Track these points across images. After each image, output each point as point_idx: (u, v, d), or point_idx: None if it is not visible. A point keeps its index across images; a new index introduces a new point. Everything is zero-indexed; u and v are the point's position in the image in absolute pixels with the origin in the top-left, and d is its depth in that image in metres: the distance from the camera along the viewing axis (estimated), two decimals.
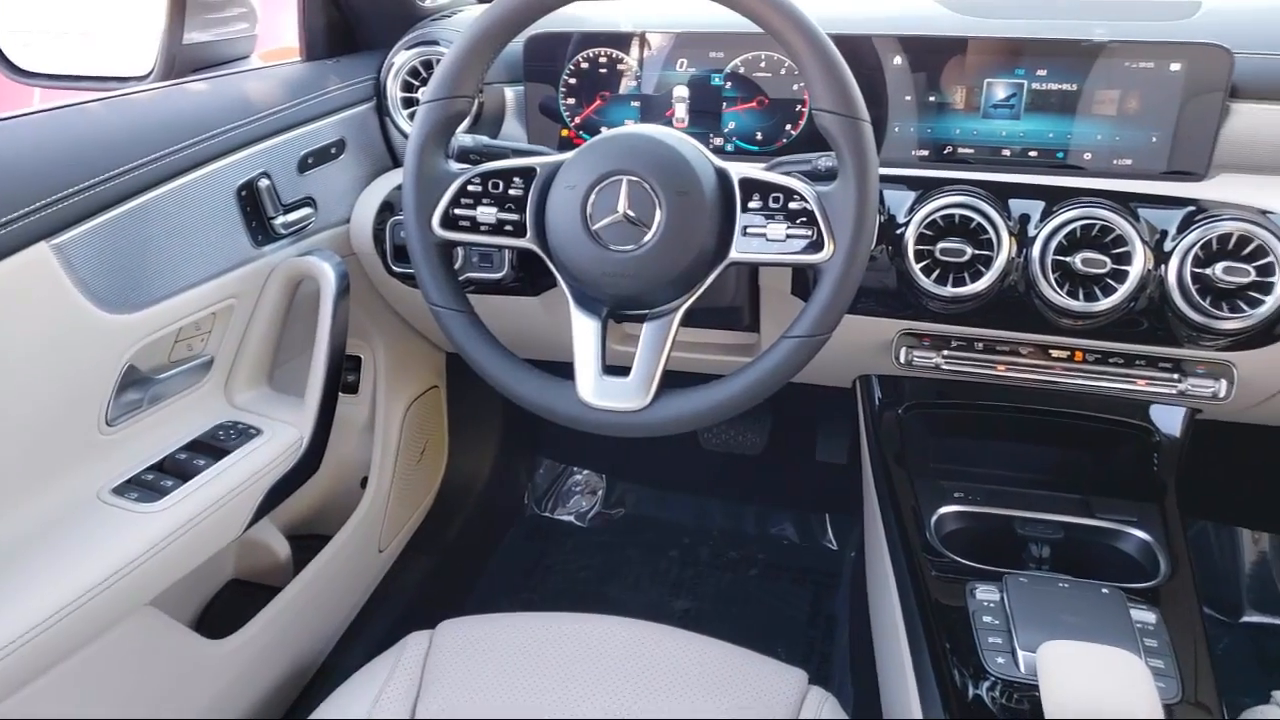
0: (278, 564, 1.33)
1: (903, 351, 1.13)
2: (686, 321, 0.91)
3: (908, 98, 1.06)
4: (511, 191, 0.93)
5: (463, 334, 0.95)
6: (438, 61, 1.21)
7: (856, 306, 0.99)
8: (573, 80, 1.16)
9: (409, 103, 1.28)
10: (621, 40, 1.14)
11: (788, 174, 0.90)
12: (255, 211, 1.12)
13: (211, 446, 1.09)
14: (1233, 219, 0.96)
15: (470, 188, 0.93)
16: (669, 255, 0.87)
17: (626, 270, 0.88)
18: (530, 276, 1.18)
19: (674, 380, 0.91)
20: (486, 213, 0.93)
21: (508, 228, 0.94)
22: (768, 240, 0.88)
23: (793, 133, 1.11)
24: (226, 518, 1.07)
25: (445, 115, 0.93)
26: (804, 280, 1.11)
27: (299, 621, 1.34)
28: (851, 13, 1.16)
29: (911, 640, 1.01)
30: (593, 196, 0.88)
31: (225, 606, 1.30)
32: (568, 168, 0.91)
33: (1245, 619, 1.67)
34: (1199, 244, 0.96)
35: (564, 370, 0.93)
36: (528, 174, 0.93)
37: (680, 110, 1.14)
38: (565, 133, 1.19)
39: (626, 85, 1.15)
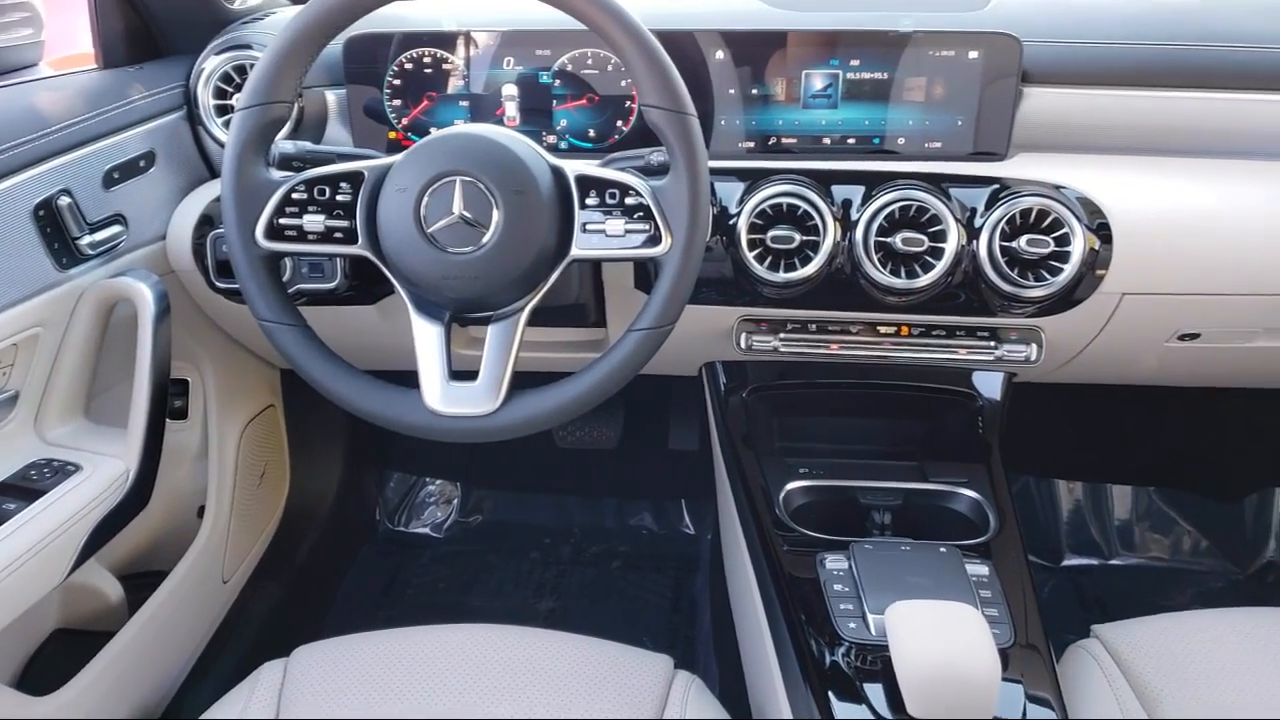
0: (109, 607, 1.25)
1: (743, 337, 1.16)
2: (533, 321, 0.91)
3: (732, 91, 1.09)
4: (339, 197, 0.90)
5: (296, 349, 0.91)
6: (251, 66, 1.16)
7: (697, 296, 1.01)
8: (397, 81, 1.14)
9: (223, 110, 1.22)
10: (445, 40, 1.12)
11: (622, 170, 0.92)
12: (57, 232, 1.04)
13: (23, 488, 1.01)
14: (1032, 194, 1.04)
15: (295, 196, 0.90)
16: (509, 255, 0.87)
17: (467, 272, 0.87)
18: (365, 284, 1.15)
19: (524, 381, 0.90)
20: (314, 221, 0.90)
21: (337, 235, 0.91)
22: (607, 236, 0.89)
23: (624, 129, 1.13)
24: (46, 563, 0.99)
25: (263, 121, 0.89)
26: (646, 274, 1.13)
27: (137, 667, 1.26)
28: (673, 8, 1.18)
29: (769, 614, 1.04)
30: (426, 199, 0.87)
31: (50, 659, 1.20)
32: (397, 170, 0.89)
33: (1066, 563, 1.81)
34: (1004, 219, 1.03)
35: (408, 379, 0.91)
36: (355, 178, 0.90)
37: (511, 109, 1.13)
38: (393, 135, 1.16)
39: (454, 85, 1.14)
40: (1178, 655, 0.99)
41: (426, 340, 0.90)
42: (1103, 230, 1.05)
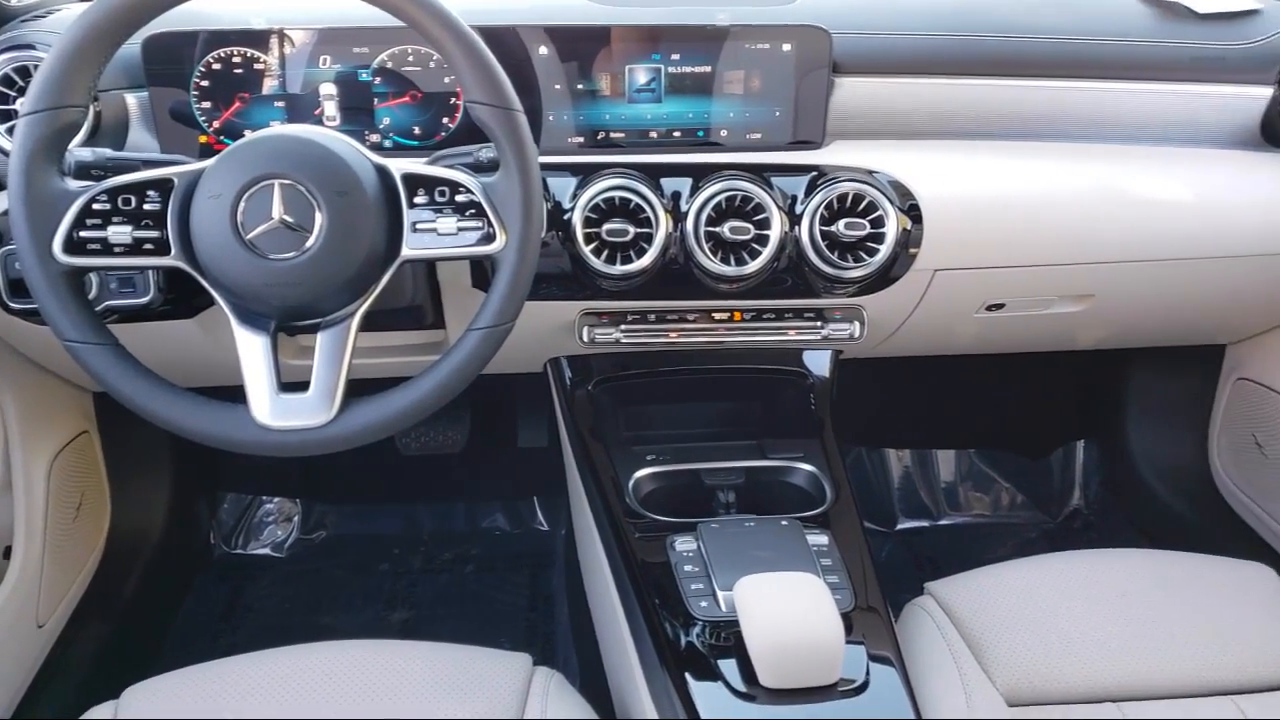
0: None
1: (585, 330, 1.17)
2: (366, 326, 0.88)
3: (558, 86, 1.10)
4: (147, 206, 0.85)
5: (109, 370, 0.86)
6: (35, 68, 1.07)
7: (537, 292, 1.01)
8: (205, 83, 1.08)
9: (5, 116, 1.12)
10: (256, 38, 1.07)
11: (451, 167, 0.90)
12: None
13: None
14: (848, 180, 1.09)
15: (96, 206, 0.84)
16: (336, 259, 0.84)
17: (291, 279, 0.84)
18: (182, 297, 1.08)
19: (361, 388, 0.88)
20: (120, 232, 0.84)
21: (147, 246, 0.85)
22: (439, 235, 0.88)
23: (450, 125, 1.11)
24: None
25: (54, 128, 0.82)
26: (483, 272, 1.12)
27: None
28: (494, 4, 1.17)
29: (623, 601, 1.06)
30: (242, 204, 0.83)
31: None
32: (210, 175, 0.85)
33: (899, 526, 1.92)
34: (823, 205, 1.08)
35: (237, 395, 0.87)
36: (164, 185, 0.85)
37: (330, 108, 1.10)
38: (205, 139, 1.10)
39: (269, 85, 1.09)
40: (1001, 603, 1.08)
41: (252, 352, 0.86)
42: (913, 211, 1.11)
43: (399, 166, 0.88)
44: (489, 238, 0.88)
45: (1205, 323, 1.52)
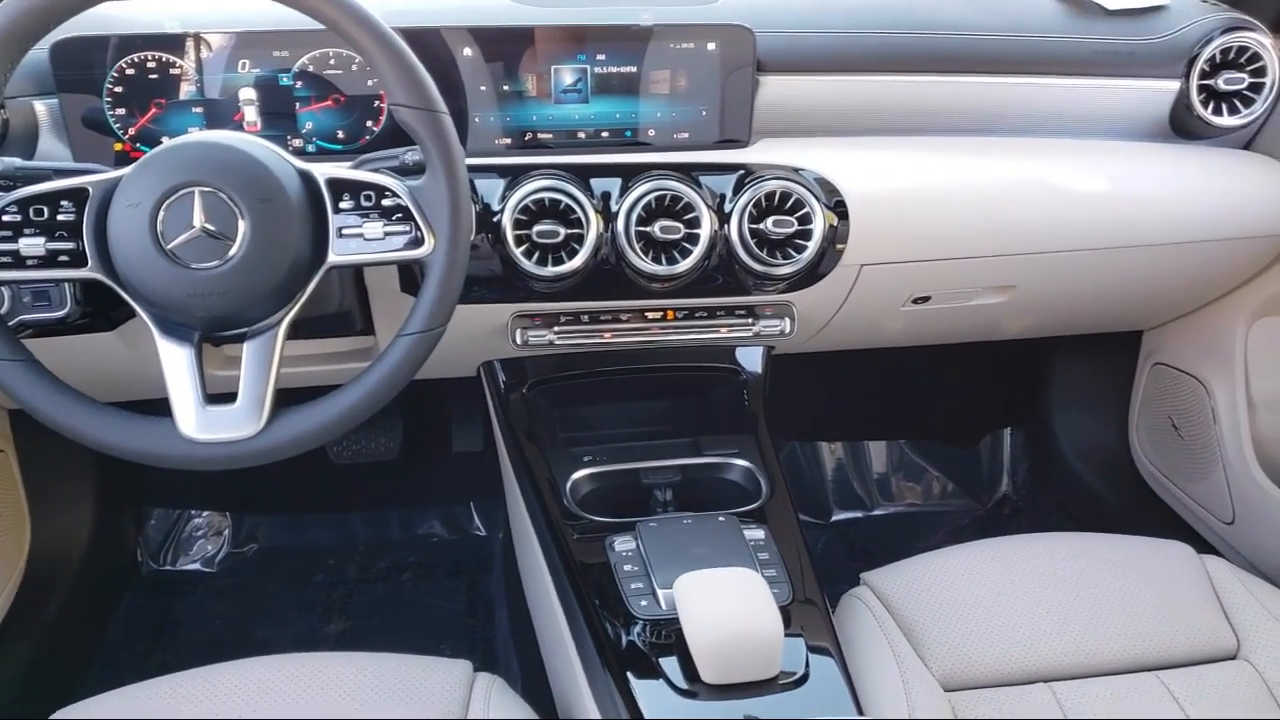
0: None
1: (518, 333, 1.16)
2: (294, 334, 0.87)
3: (483, 88, 1.09)
4: (61, 217, 0.82)
5: (24, 387, 0.83)
6: None
7: (468, 295, 1.01)
8: (119, 89, 1.04)
9: None
10: (170, 42, 1.04)
11: (376, 171, 0.89)
12: None
13: None
14: (774, 178, 1.10)
15: (6, 218, 0.81)
16: (260, 267, 0.83)
17: (214, 288, 0.82)
18: (102, 309, 1.05)
19: (290, 398, 0.86)
20: (32, 244, 0.82)
21: (63, 259, 0.83)
22: (366, 240, 0.86)
23: (375, 129, 1.09)
24: None
25: None
26: (412, 276, 1.11)
27: None
28: (415, 5, 1.16)
29: (563, 603, 1.06)
30: (162, 213, 0.81)
31: None
32: (127, 184, 0.82)
33: (834, 518, 1.95)
34: (751, 203, 1.09)
35: (160, 408, 0.85)
36: (79, 195, 0.83)
37: (250, 113, 1.07)
38: (120, 147, 1.06)
39: (185, 90, 1.06)
40: (935, 590, 1.10)
41: (175, 364, 0.84)
42: (839, 208, 1.13)
43: (323, 171, 0.87)
44: (417, 241, 0.87)
45: (1123, 310, 1.57)
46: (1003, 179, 1.21)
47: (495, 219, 1.07)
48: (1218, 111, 1.27)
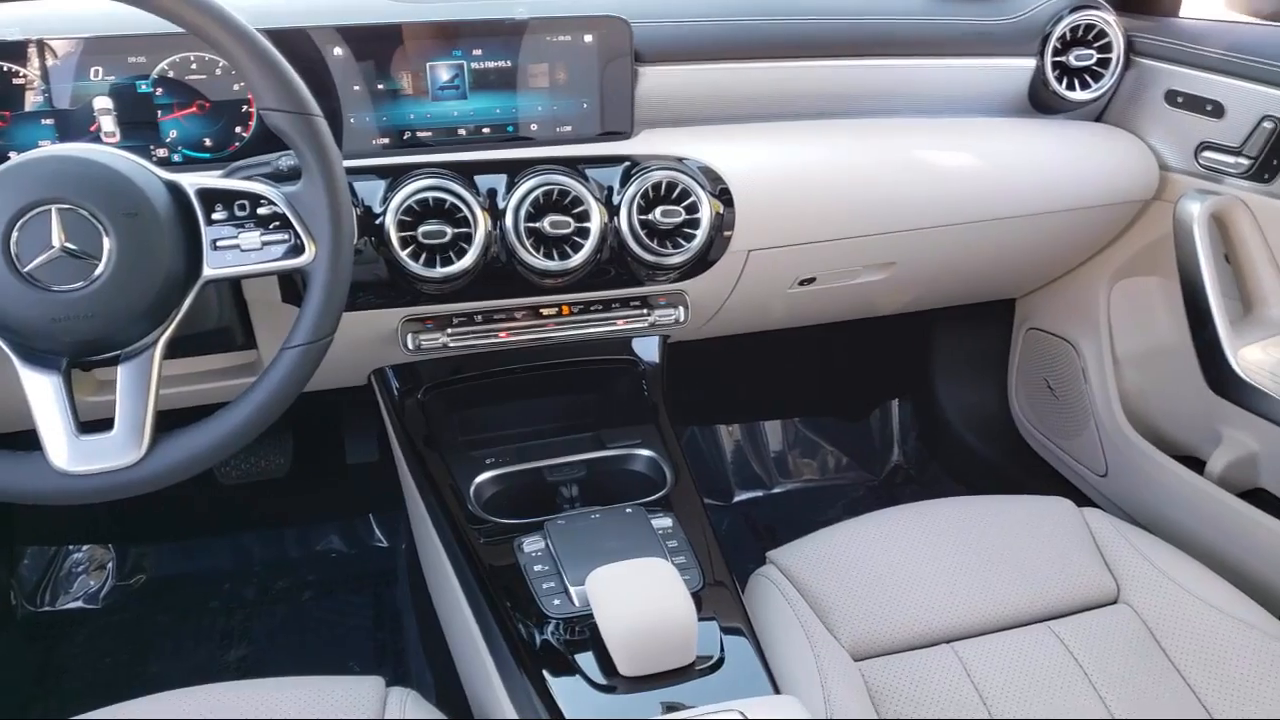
0: None
1: (409, 338, 1.14)
2: (172, 353, 0.83)
3: (357, 87, 1.06)
4: None
5: None
6: None
7: (354, 302, 0.98)
8: None
9: None
10: (11, 51, 0.97)
11: (249, 178, 0.86)
12: None
13: None
14: (659, 168, 1.11)
15: None
16: (130, 286, 0.78)
17: (81, 311, 0.77)
18: None
19: (172, 420, 0.82)
20: None
21: None
22: (243, 251, 0.83)
23: (244, 135, 1.05)
24: None
25: None
26: (293, 286, 1.06)
27: None
28: (278, 5, 1.12)
29: (474, 608, 1.04)
30: (15, 234, 0.76)
31: None
32: None
33: (736, 499, 1.98)
34: (639, 194, 1.10)
35: (28, 441, 0.79)
36: None
37: (108, 123, 1.01)
38: None
39: (32, 101, 0.99)
40: (838, 563, 1.13)
41: (41, 393, 0.79)
42: (724, 195, 1.14)
43: (192, 182, 0.83)
44: (297, 250, 0.84)
45: (996, 280, 1.65)
46: (878, 160, 1.25)
47: (378, 221, 1.04)
48: (1071, 86, 1.34)
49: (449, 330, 1.15)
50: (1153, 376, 1.54)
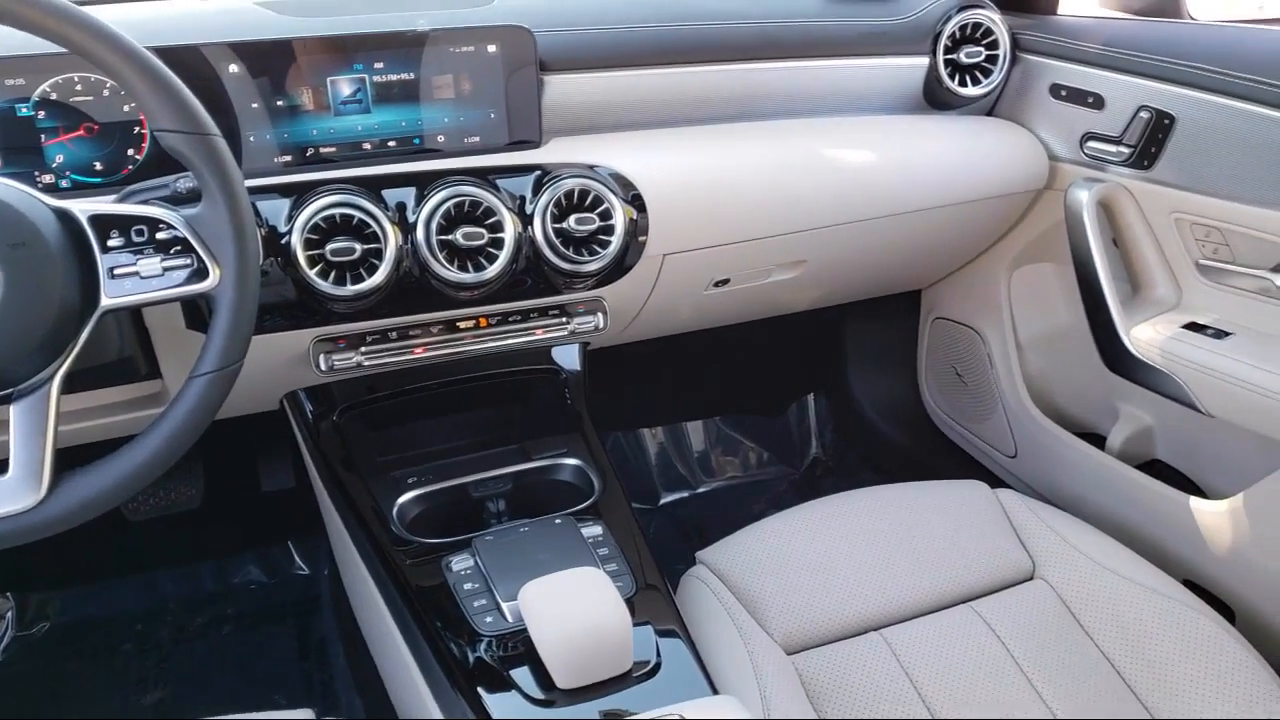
0: None
1: (322, 358, 1.11)
2: (70, 388, 0.79)
3: (255, 105, 1.03)
4: None
5: None
6: None
7: (263, 325, 0.95)
8: None
9: None
10: None
11: (146, 202, 0.83)
12: None
13: None
14: (571, 176, 1.10)
15: None
16: (21, 320, 0.74)
17: None
18: None
19: (74, 457, 0.79)
20: None
21: None
22: (143, 278, 0.80)
23: (138, 157, 1.01)
24: None
25: None
26: (198, 312, 1.03)
27: None
28: (166, 24, 1.08)
29: (404, 632, 1.02)
30: None
31: None
32: None
33: (662, 501, 1.99)
34: (551, 203, 1.09)
35: None
36: None
37: None
38: None
39: None
40: (766, 559, 1.15)
41: None
42: (637, 201, 1.15)
43: (84, 208, 0.79)
44: (200, 274, 0.81)
45: (901, 272, 1.69)
46: (783, 160, 1.27)
47: (284, 241, 1.01)
48: (963, 83, 1.39)
49: (362, 349, 1.12)
50: (1053, 358, 1.60)
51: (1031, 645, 1.06)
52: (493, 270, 1.06)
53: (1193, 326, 1.23)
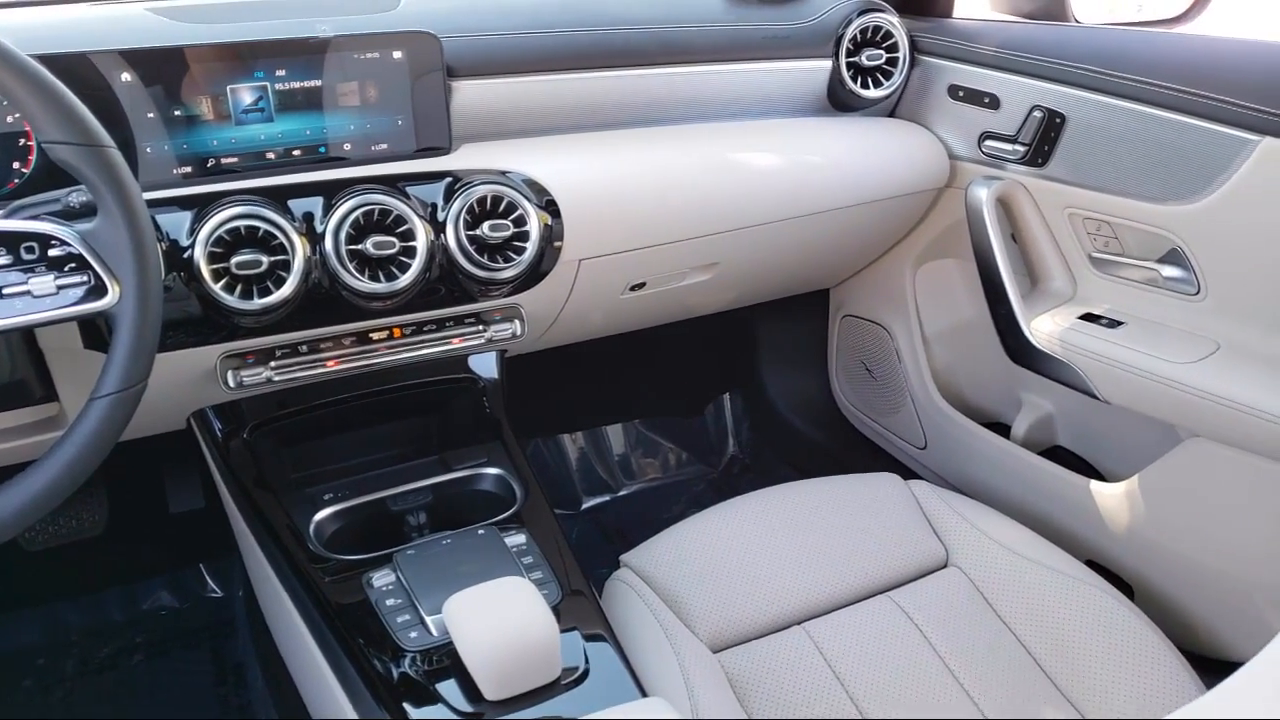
0: None
1: (230, 375, 1.07)
2: None
3: (150, 115, 0.99)
4: None
5: None
6: None
7: (166, 342, 0.92)
8: None
9: None
10: None
11: (35, 218, 0.79)
12: None
13: None
14: (483, 183, 1.10)
15: None
16: None
17: None
18: None
19: None
20: None
21: None
22: (35, 297, 0.77)
23: (25, 170, 0.96)
24: None
25: None
26: (96, 331, 0.98)
27: None
28: (52, 30, 1.03)
29: (325, 651, 1.00)
30: None
31: None
32: None
33: (584, 506, 1.99)
34: (464, 209, 1.08)
35: None
36: None
37: None
38: None
39: None
40: (689, 559, 1.16)
41: None
42: (551, 207, 1.14)
43: None
44: (98, 291, 0.78)
45: (811, 272, 1.73)
46: (694, 164, 1.29)
47: (186, 255, 0.97)
48: (865, 85, 1.43)
49: (272, 364, 1.09)
50: (958, 351, 1.66)
51: (947, 631, 1.09)
52: (405, 279, 1.05)
53: (1088, 317, 1.28)
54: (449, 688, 0.91)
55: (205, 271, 0.97)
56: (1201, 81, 1.11)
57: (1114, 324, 1.25)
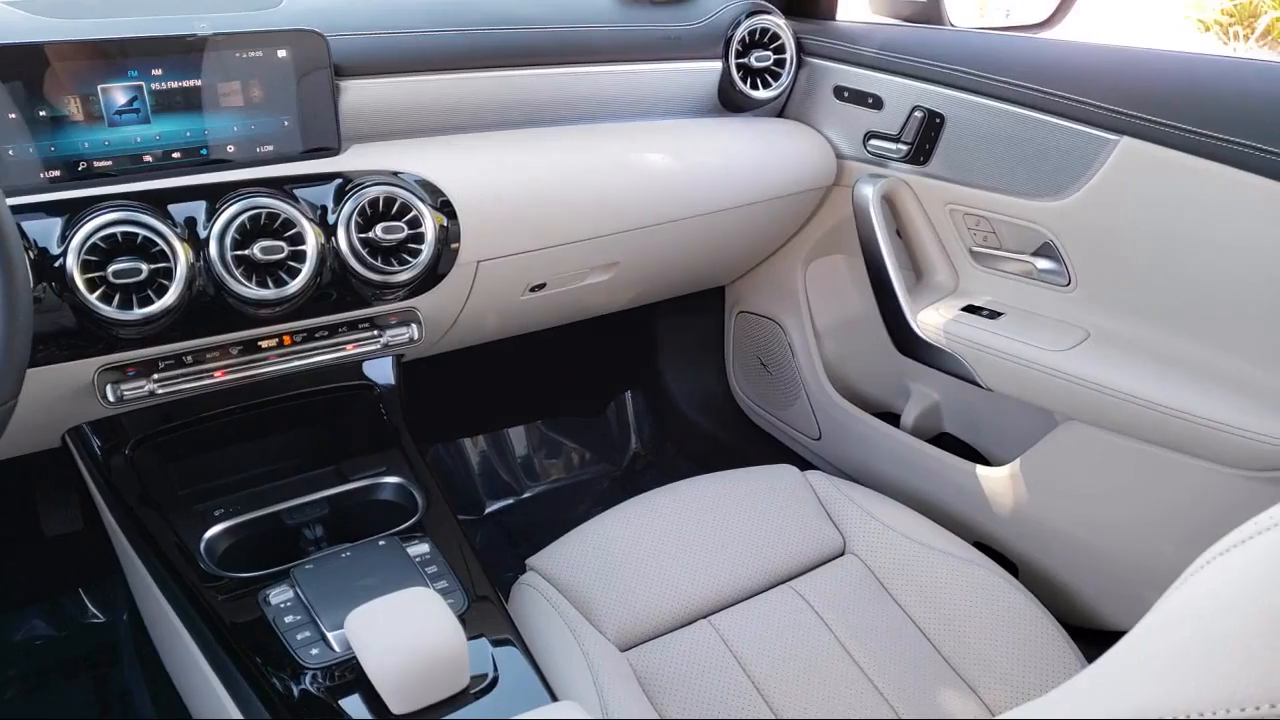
0: None
1: (109, 389, 1.02)
2: None
3: (11, 115, 0.93)
4: None
5: None
6: None
7: (37, 357, 0.87)
8: None
9: None
10: None
11: None
12: None
13: None
14: (374, 184, 1.07)
15: None
16: None
17: None
18: None
19: None
20: None
21: None
22: None
23: None
24: None
25: None
26: None
27: None
28: None
29: (220, 674, 0.96)
30: None
31: None
32: None
33: (488, 510, 1.97)
34: (355, 212, 1.05)
35: None
36: None
37: None
38: None
39: None
40: (595, 559, 1.16)
41: None
42: (446, 207, 1.13)
43: None
44: None
45: (706, 270, 1.75)
46: (589, 164, 1.29)
47: (57, 264, 0.92)
48: (754, 86, 1.46)
49: (155, 376, 1.04)
50: (849, 344, 1.71)
51: (846, 616, 1.13)
52: (295, 285, 1.02)
53: (970, 308, 1.34)
54: (353, 703, 0.89)
55: (79, 281, 0.93)
56: (1067, 84, 1.17)
57: (994, 315, 1.31)
